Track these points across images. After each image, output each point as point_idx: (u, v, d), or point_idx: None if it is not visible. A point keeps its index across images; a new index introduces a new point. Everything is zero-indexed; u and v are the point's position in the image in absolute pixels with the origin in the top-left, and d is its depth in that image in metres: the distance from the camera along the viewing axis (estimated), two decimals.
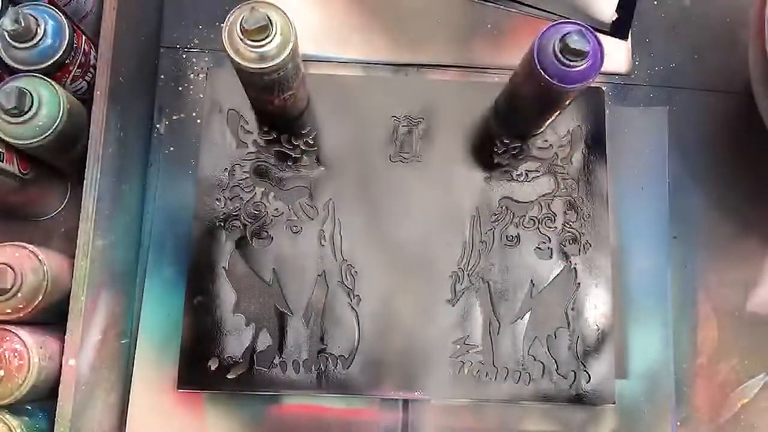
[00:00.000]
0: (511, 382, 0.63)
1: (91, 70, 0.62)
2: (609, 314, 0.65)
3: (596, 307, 0.65)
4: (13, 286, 0.52)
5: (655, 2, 0.74)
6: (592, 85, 0.71)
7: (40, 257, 0.55)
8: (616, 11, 0.71)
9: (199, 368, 0.62)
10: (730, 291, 0.69)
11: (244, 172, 0.66)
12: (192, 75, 0.71)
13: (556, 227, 0.67)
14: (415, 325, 0.64)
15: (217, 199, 0.65)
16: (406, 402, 0.65)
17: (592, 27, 0.70)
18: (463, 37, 0.72)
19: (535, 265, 0.66)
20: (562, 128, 0.69)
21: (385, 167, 0.67)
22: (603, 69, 0.71)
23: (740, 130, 0.72)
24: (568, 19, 0.68)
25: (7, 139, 0.56)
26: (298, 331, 0.64)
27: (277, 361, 0.63)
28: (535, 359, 0.64)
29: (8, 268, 0.52)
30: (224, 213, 0.65)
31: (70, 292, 0.56)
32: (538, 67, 0.56)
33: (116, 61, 0.61)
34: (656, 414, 0.66)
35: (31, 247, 0.55)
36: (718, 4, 0.74)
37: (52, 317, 0.57)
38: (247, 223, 0.65)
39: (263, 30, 0.53)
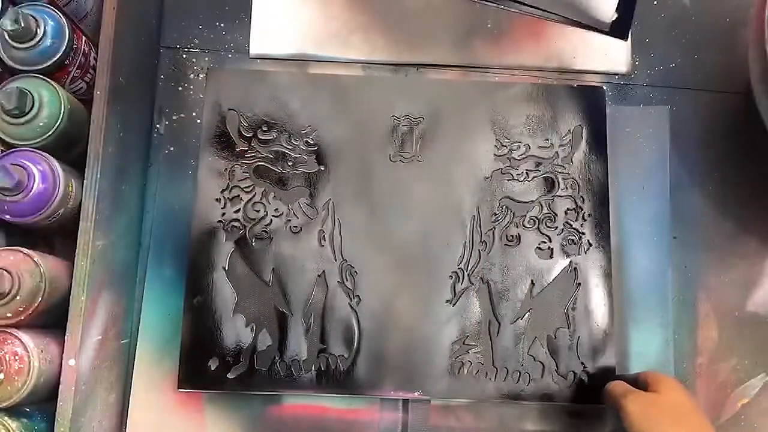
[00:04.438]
0: (511, 382, 0.63)
1: (91, 71, 0.62)
2: (609, 314, 0.65)
3: (596, 307, 0.65)
4: (11, 290, 0.52)
5: (655, 2, 0.74)
6: (593, 85, 0.71)
7: (35, 260, 0.55)
8: (616, 11, 0.71)
9: (199, 368, 0.62)
10: (730, 291, 0.69)
11: (244, 172, 0.66)
12: (192, 75, 0.71)
13: (556, 227, 0.67)
14: (415, 325, 0.64)
15: (216, 199, 0.65)
16: (406, 402, 0.65)
17: (591, 27, 0.70)
18: (463, 37, 0.72)
19: (535, 265, 0.66)
20: (563, 128, 0.69)
21: (385, 167, 0.67)
22: (603, 69, 0.72)
23: (740, 130, 0.72)
24: (568, 18, 0.68)
25: (7, 139, 0.57)
26: (298, 331, 0.64)
27: (277, 361, 0.63)
28: (535, 359, 0.64)
29: (5, 272, 0.52)
30: (224, 213, 0.65)
31: (68, 293, 0.56)
32: None
33: (116, 61, 0.61)
34: None
35: (25, 250, 0.55)
36: (718, 4, 0.74)
37: (52, 320, 0.57)
38: (246, 223, 0.65)
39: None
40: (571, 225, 0.67)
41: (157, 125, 0.69)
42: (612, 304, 0.65)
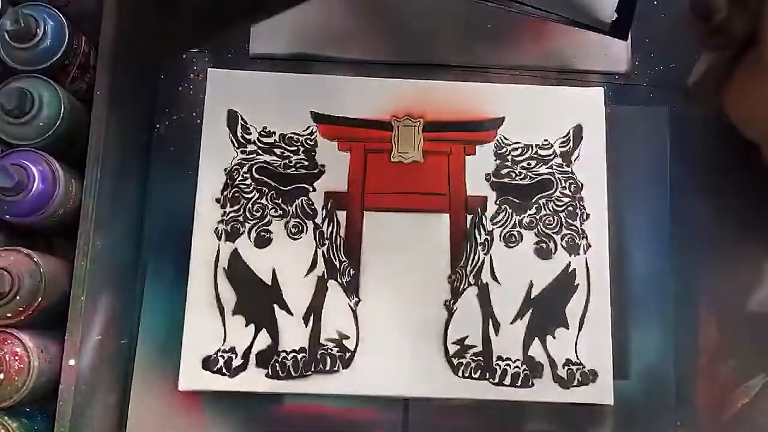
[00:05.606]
0: (510, 382, 0.63)
1: (91, 71, 0.62)
2: (609, 314, 0.65)
3: (596, 307, 0.65)
4: (11, 290, 0.52)
5: (655, 2, 0.74)
6: (592, 86, 0.71)
7: (36, 260, 0.55)
8: (616, 11, 0.71)
9: (199, 368, 0.62)
10: (730, 291, 0.69)
11: (245, 172, 0.66)
12: (192, 75, 0.71)
13: (556, 227, 0.67)
14: (414, 325, 0.64)
15: (216, 199, 0.65)
16: (406, 402, 0.65)
17: (591, 27, 0.70)
18: (463, 37, 0.72)
19: (534, 265, 0.66)
20: (562, 127, 0.69)
21: (386, 167, 0.67)
22: (603, 69, 0.72)
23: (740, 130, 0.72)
24: (568, 19, 0.68)
25: (7, 139, 0.57)
26: (298, 331, 0.64)
27: (277, 360, 0.63)
28: (534, 359, 0.64)
29: (5, 272, 0.52)
30: (224, 213, 0.65)
31: (68, 293, 0.56)
32: None
33: (116, 61, 0.61)
34: (656, 414, 0.66)
35: (25, 250, 0.55)
36: None
37: (52, 320, 0.57)
38: (246, 223, 0.65)
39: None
40: (571, 225, 0.67)
41: (157, 125, 0.69)
42: (612, 304, 0.65)
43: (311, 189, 0.66)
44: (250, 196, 0.66)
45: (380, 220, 0.66)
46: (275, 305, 0.64)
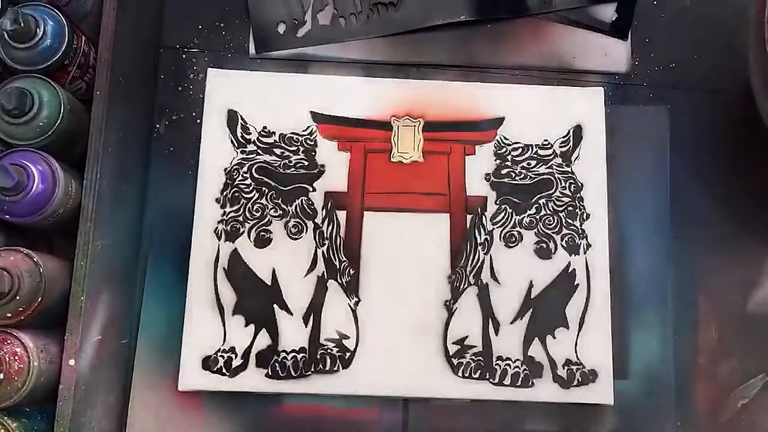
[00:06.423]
0: (510, 382, 0.63)
1: (90, 70, 0.62)
2: (609, 314, 0.65)
3: (596, 307, 0.65)
4: (11, 290, 0.52)
5: (655, 2, 0.74)
6: (592, 85, 0.71)
7: (36, 260, 0.55)
8: (616, 11, 0.71)
9: (199, 368, 0.62)
10: (730, 291, 0.69)
11: (244, 172, 0.66)
12: (192, 75, 0.71)
13: (556, 227, 0.67)
14: (414, 325, 0.64)
15: (216, 199, 0.65)
16: (406, 402, 0.65)
17: (591, 27, 0.70)
18: (463, 37, 0.72)
19: (535, 265, 0.66)
20: (562, 128, 0.69)
21: (386, 167, 0.67)
22: (603, 69, 0.72)
23: (740, 130, 0.72)
24: (568, 18, 0.68)
25: (7, 139, 0.57)
26: (298, 331, 0.64)
27: (276, 361, 0.63)
28: (534, 359, 0.64)
29: (5, 272, 0.52)
30: (224, 213, 0.65)
31: (68, 293, 0.56)
32: None
33: (116, 61, 0.61)
34: (656, 414, 0.66)
35: (25, 250, 0.55)
36: (718, 4, 0.74)
37: (52, 320, 0.57)
38: (246, 223, 0.65)
39: None
40: (571, 225, 0.67)
41: (157, 125, 0.69)
42: (611, 304, 0.65)
43: (311, 189, 0.66)
44: (250, 196, 0.66)
45: (380, 220, 0.66)
46: (275, 305, 0.64)
